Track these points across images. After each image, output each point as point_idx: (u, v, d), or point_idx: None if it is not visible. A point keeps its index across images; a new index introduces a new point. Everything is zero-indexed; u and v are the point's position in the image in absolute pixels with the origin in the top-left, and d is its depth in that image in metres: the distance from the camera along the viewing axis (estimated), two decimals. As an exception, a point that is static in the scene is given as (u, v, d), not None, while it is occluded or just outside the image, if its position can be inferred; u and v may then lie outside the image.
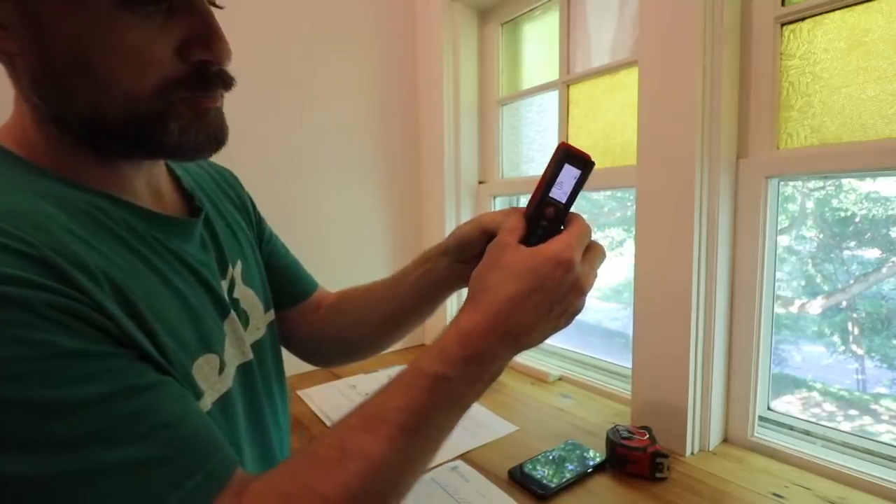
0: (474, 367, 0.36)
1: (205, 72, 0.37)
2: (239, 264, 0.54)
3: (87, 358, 0.30)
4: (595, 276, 0.40)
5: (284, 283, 0.65)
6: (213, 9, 0.39)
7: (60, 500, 0.28)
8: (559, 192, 0.39)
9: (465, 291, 0.43)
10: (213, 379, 0.42)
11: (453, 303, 1.16)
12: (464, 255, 0.52)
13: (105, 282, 0.33)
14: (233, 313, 0.49)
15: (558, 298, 0.37)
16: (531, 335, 0.37)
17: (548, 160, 0.40)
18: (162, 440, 0.31)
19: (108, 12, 0.32)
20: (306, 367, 0.75)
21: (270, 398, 0.56)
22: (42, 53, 0.33)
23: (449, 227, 1.35)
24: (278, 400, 0.59)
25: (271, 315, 0.60)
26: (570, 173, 0.39)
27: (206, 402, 0.40)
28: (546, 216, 0.39)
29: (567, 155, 0.38)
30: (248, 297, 0.54)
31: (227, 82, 0.39)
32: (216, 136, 0.41)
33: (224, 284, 0.50)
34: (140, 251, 0.38)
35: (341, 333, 0.66)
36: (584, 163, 0.39)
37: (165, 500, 0.30)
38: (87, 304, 0.31)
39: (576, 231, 0.38)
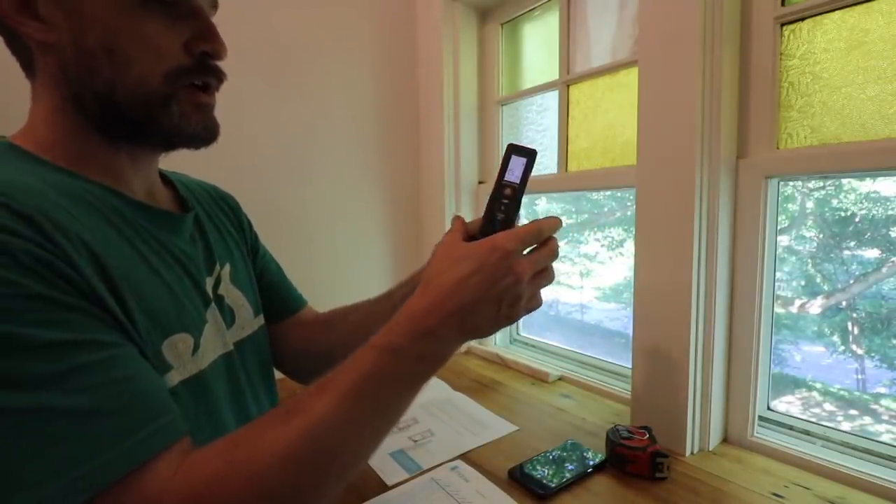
0: (420, 342, 0.39)
1: (205, 64, 0.44)
2: (228, 266, 0.57)
3: (53, 304, 0.32)
4: (539, 268, 0.42)
5: (274, 297, 0.68)
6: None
7: (4, 436, 0.29)
8: (513, 176, 0.47)
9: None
10: (185, 358, 0.44)
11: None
12: None
13: (83, 248, 0.36)
14: (214, 305, 0.51)
15: (495, 281, 0.39)
16: (474, 317, 0.40)
17: (544, 161, 0.45)
18: (112, 394, 0.33)
19: (134, 6, 0.39)
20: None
21: (257, 399, 0.57)
22: (76, 41, 0.39)
23: (449, 227, 1.35)
24: (266, 403, 0.60)
25: (261, 320, 0.62)
26: (518, 161, 0.47)
27: (173, 379, 0.42)
28: (506, 195, 0.46)
29: (514, 148, 0.47)
30: (235, 297, 0.57)
31: (220, 76, 0.46)
32: (211, 129, 0.46)
33: (209, 280, 0.53)
34: (125, 233, 0.42)
35: (328, 349, 0.67)
36: (528, 152, 0.47)
37: (106, 451, 0.32)
38: (62, 258, 0.34)
39: (523, 229, 0.42)
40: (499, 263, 0.39)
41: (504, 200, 0.46)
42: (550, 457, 0.78)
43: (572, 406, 1.01)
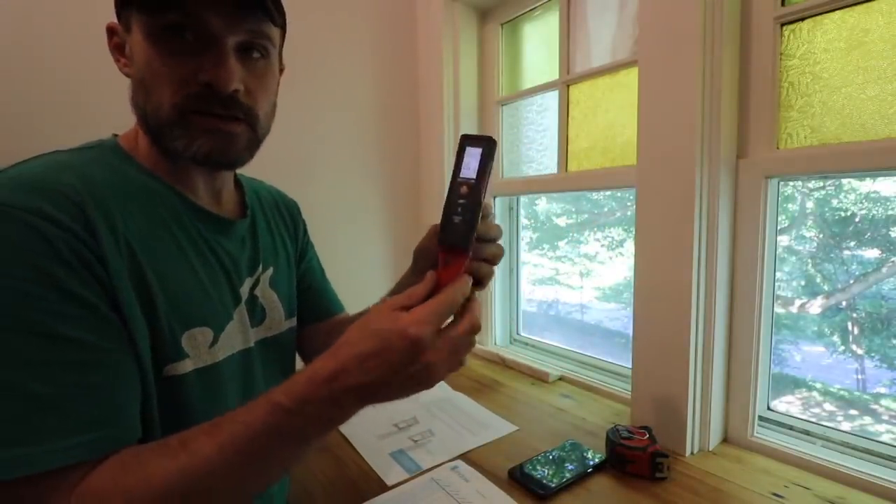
0: (313, 406, 0.39)
1: (209, 93, 0.45)
2: (271, 269, 0.62)
3: (73, 299, 0.37)
4: (458, 347, 0.41)
5: (311, 299, 0.72)
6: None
7: None
8: (468, 171, 0.42)
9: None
10: (202, 349, 0.49)
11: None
12: (423, 265, 0.57)
13: (124, 243, 0.42)
14: (244, 305, 0.56)
15: (397, 367, 0.38)
16: (377, 395, 0.39)
17: (544, 161, 0.43)
18: (73, 395, 0.37)
19: (151, 44, 0.45)
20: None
21: None
22: (134, 74, 0.47)
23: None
24: None
25: (292, 323, 0.66)
26: (472, 153, 0.42)
27: (188, 366, 0.47)
28: (461, 194, 0.42)
29: (466, 139, 0.42)
30: (270, 298, 0.61)
31: (228, 105, 0.47)
32: (214, 156, 0.48)
33: (249, 280, 0.57)
34: (176, 233, 0.49)
35: None
36: (482, 140, 0.42)
37: (35, 445, 0.34)
38: (97, 253, 0.39)
39: (435, 305, 0.40)
40: (405, 353, 0.38)
41: (460, 201, 0.41)
42: (550, 457, 0.78)
43: (572, 406, 1.01)
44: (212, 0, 0.44)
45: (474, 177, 0.41)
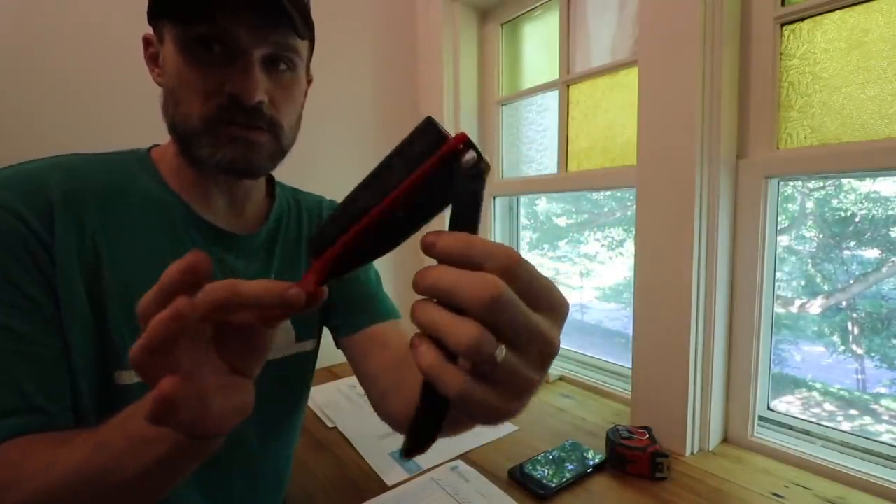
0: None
1: (234, 105, 0.46)
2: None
3: (17, 289, 0.40)
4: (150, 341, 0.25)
5: (349, 308, 0.64)
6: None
7: None
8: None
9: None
10: None
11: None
12: None
13: (90, 244, 0.44)
14: None
15: None
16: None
17: (544, 161, 0.39)
18: None
19: (181, 55, 0.46)
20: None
21: (261, 425, 0.55)
22: (165, 84, 0.49)
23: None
24: (270, 431, 0.57)
25: (305, 346, 0.61)
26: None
27: (134, 377, 0.46)
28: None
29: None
30: None
31: (253, 116, 0.47)
32: (237, 164, 0.48)
33: None
34: (160, 240, 0.49)
35: (393, 387, 0.57)
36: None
37: None
38: (48, 248, 0.41)
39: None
40: None
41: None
42: (550, 457, 0.78)
43: (572, 406, 1.01)
44: (240, 13, 0.44)
45: (377, 171, 0.29)
